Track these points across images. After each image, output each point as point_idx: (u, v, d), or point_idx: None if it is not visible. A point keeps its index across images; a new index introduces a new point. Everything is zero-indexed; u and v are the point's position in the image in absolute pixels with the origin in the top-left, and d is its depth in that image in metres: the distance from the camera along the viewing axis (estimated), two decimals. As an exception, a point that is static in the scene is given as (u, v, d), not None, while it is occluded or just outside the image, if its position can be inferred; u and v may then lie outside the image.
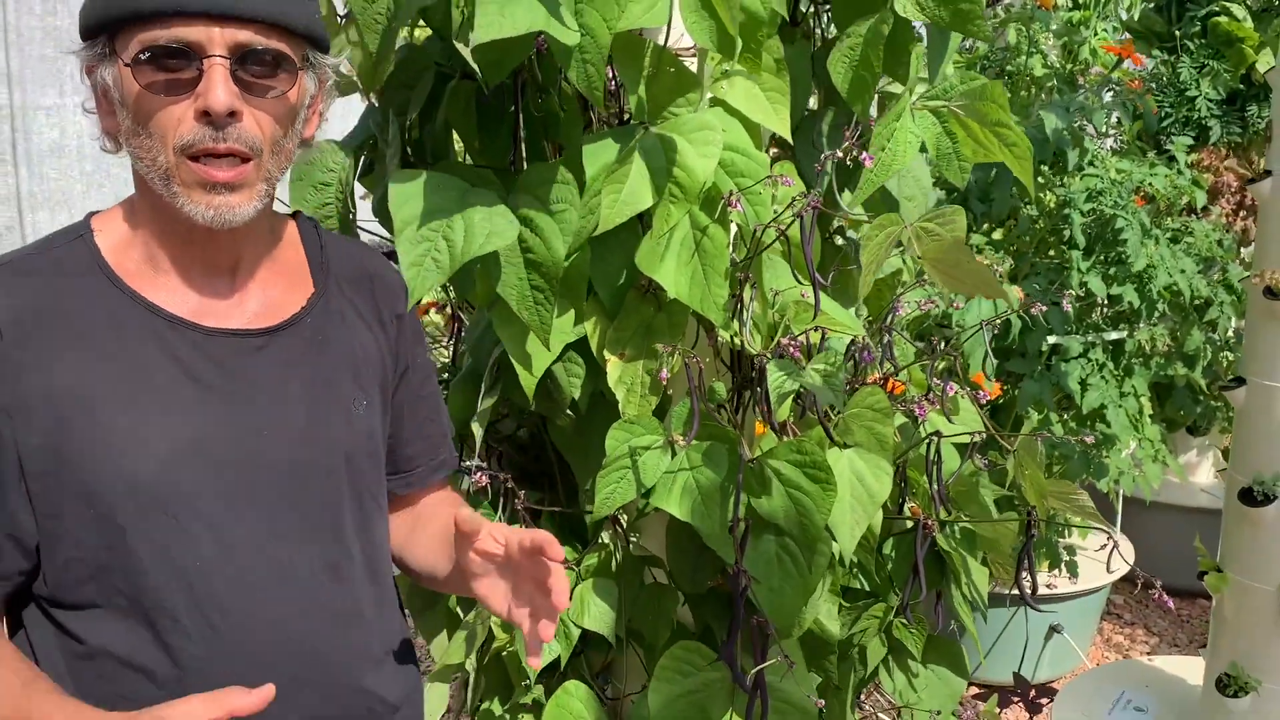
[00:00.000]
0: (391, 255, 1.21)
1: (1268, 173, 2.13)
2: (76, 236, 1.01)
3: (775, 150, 1.56)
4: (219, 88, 0.92)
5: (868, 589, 1.61)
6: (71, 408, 0.94)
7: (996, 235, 2.99)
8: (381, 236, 1.65)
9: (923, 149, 1.46)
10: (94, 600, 0.97)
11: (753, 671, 1.20)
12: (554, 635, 1.00)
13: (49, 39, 3.66)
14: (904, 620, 1.52)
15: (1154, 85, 3.61)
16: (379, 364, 1.12)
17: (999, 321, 2.50)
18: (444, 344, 1.92)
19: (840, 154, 1.14)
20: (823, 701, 1.45)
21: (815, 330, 1.30)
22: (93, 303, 0.98)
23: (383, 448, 1.14)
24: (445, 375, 1.78)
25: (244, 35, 0.93)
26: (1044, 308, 1.38)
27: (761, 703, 1.22)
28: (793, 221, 1.19)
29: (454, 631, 1.74)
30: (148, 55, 0.92)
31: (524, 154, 1.36)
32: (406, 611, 1.77)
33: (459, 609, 1.66)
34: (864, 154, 1.12)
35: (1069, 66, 3.02)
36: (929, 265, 1.21)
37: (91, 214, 1.04)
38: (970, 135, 1.41)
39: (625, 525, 1.52)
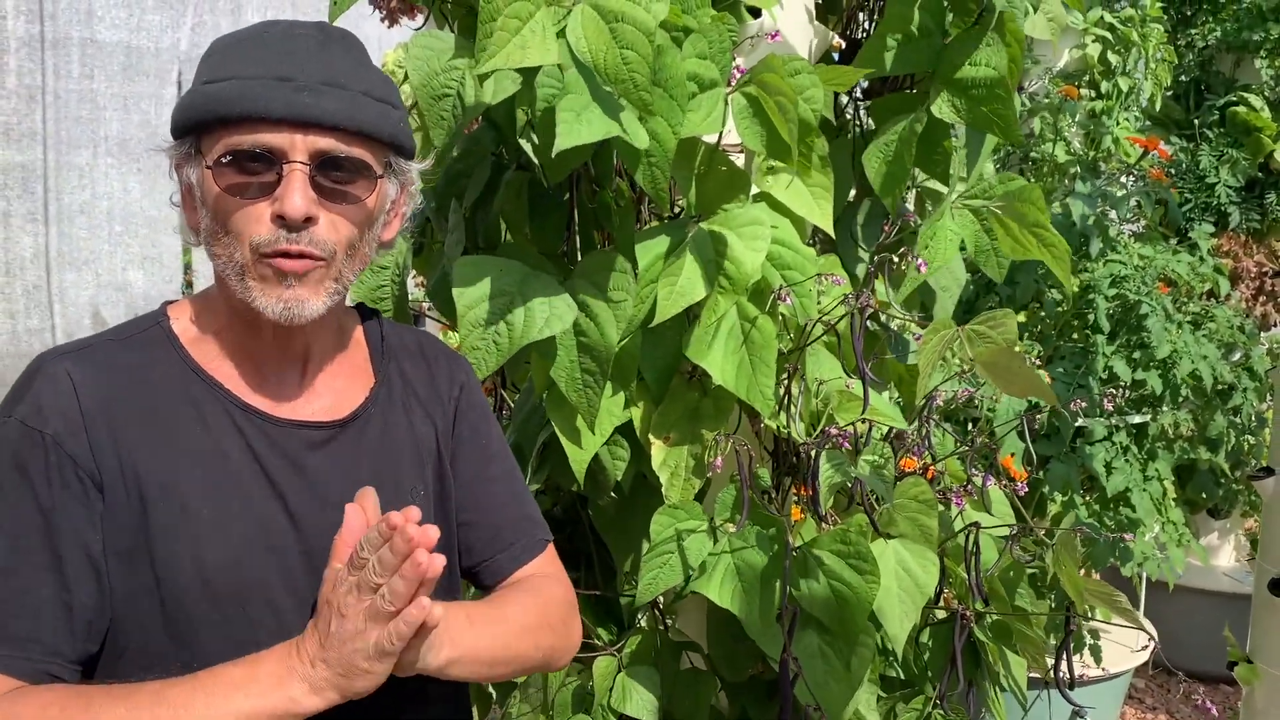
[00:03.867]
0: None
1: (1294, 266, 2.16)
2: (154, 324, 1.04)
3: (815, 242, 1.60)
4: (296, 194, 0.95)
5: (903, 678, 1.61)
6: (156, 491, 0.96)
7: (1020, 318, 3.02)
8: (431, 317, 1.68)
9: (961, 245, 1.50)
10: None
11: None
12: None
13: (85, 101, 3.74)
14: (942, 711, 1.51)
15: (1173, 172, 3.67)
16: (435, 447, 1.12)
17: (1043, 413, 2.51)
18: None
19: (895, 259, 1.17)
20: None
21: (862, 421, 1.32)
22: (173, 388, 1.00)
23: (452, 535, 1.12)
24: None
25: (325, 142, 0.95)
26: (1083, 403, 1.39)
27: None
28: (844, 316, 1.22)
29: (484, 709, 1.74)
30: (229, 158, 0.95)
31: (578, 242, 1.40)
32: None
33: (492, 689, 1.66)
34: (918, 260, 1.15)
35: (1091, 153, 3.08)
36: (981, 367, 1.24)
37: (167, 303, 1.07)
38: (1009, 234, 1.45)
39: (663, 609, 1.53)
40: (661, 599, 1.52)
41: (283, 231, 0.96)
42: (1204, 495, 3.47)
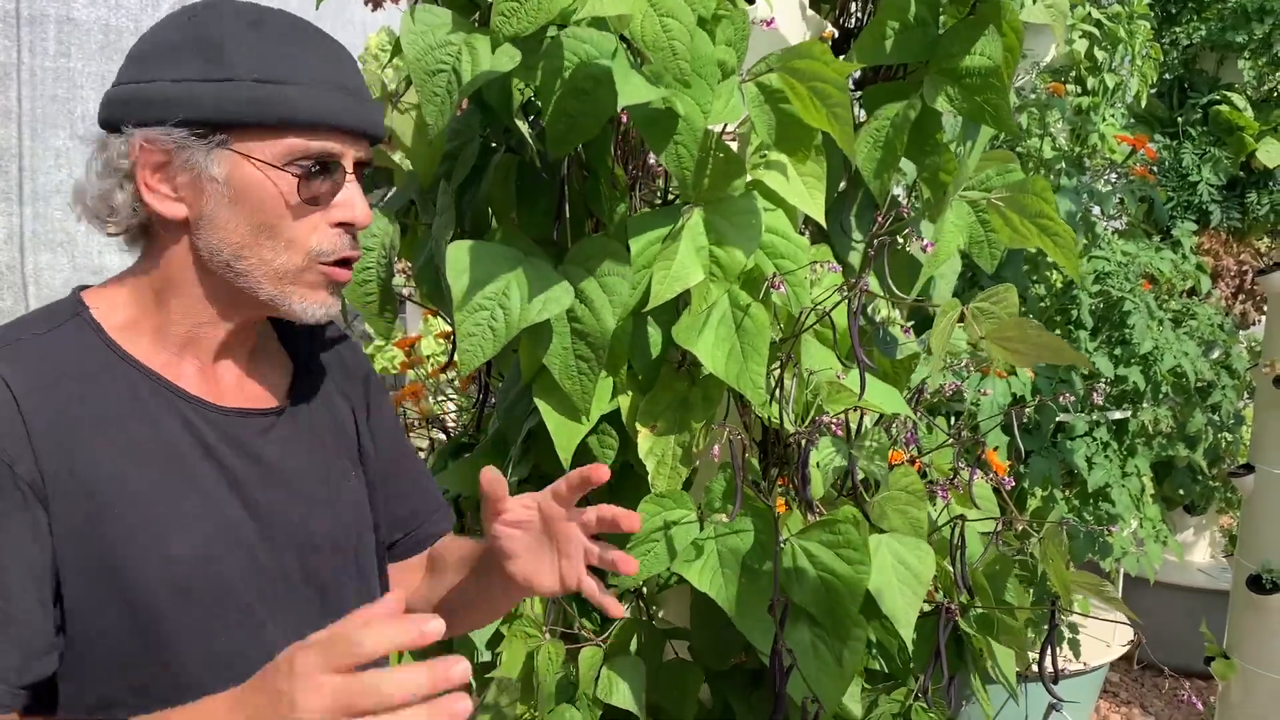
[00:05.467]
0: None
1: (1277, 265, 2.17)
2: (73, 314, 0.97)
3: (806, 230, 1.59)
4: (362, 202, 0.97)
5: (886, 671, 1.60)
6: (109, 494, 0.90)
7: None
8: (414, 301, 1.66)
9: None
10: (110, 701, 0.93)
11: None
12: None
13: (61, 80, 3.68)
14: (924, 704, 1.51)
15: (1155, 170, 3.68)
16: (354, 431, 1.12)
17: (1028, 406, 2.52)
18: (469, 407, 1.93)
19: (900, 240, 1.16)
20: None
21: (854, 411, 1.31)
22: (113, 383, 0.94)
23: (377, 515, 1.12)
24: (466, 440, 1.78)
25: (363, 153, 0.98)
26: (1072, 398, 1.39)
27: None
28: (838, 304, 1.20)
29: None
30: (295, 163, 0.93)
31: (568, 228, 1.38)
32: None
33: (473, 681, 1.65)
34: (926, 243, 1.14)
35: (1077, 150, 3.08)
36: (990, 343, 1.23)
37: (80, 288, 1.00)
38: (1009, 224, 1.45)
39: (647, 598, 1.52)
40: (645, 589, 1.51)
41: (347, 239, 0.97)
42: (1181, 492, 3.50)
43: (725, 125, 1.28)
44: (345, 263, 0.98)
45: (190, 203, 0.94)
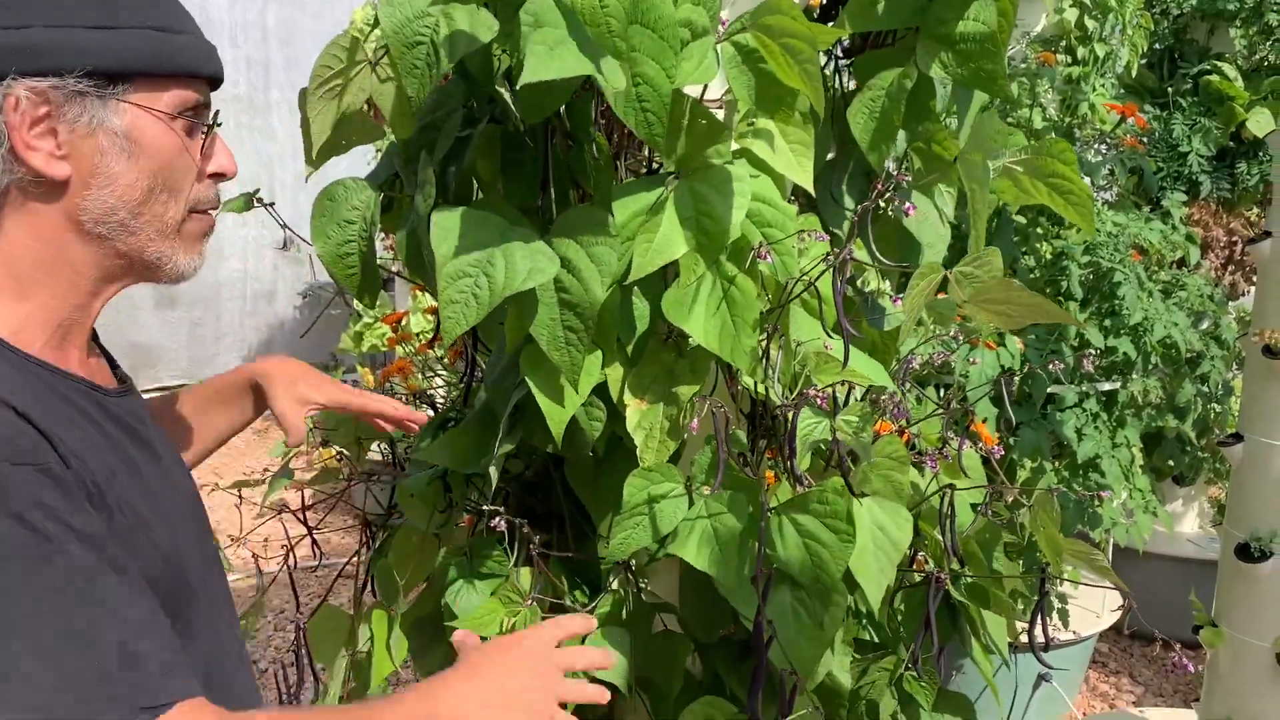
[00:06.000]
0: (384, 284, 1.23)
1: (1267, 234, 2.16)
2: None
3: (794, 199, 1.58)
4: (228, 152, 0.98)
5: (877, 641, 1.60)
6: (105, 492, 0.87)
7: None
8: (403, 277, 1.65)
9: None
10: None
11: (777, 724, 1.19)
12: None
13: None
14: (914, 673, 1.51)
15: (1145, 140, 3.67)
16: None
17: (1016, 377, 2.52)
18: (456, 382, 1.92)
19: (882, 204, 1.14)
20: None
21: (841, 383, 1.30)
22: (43, 391, 0.88)
23: None
24: (454, 414, 1.77)
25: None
26: (1061, 365, 1.38)
27: (786, 758, 1.21)
28: (824, 273, 1.19)
29: (455, 672, 1.72)
30: (187, 112, 0.93)
31: (553, 198, 1.37)
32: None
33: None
34: (907, 205, 1.13)
35: (1067, 120, 3.07)
36: (974, 306, 1.22)
37: None
38: (1016, 184, 1.43)
39: (635, 571, 1.51)
40: (634, 561, 1.50)
41: (216, 189, 0.98)
42: (1170, 463, 3.52)
43: (705, 90, 1.27)
44: (208, 213, 0.99)
45: (76, 160, 0.88)
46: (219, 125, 0.98)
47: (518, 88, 1.03)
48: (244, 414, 1.31)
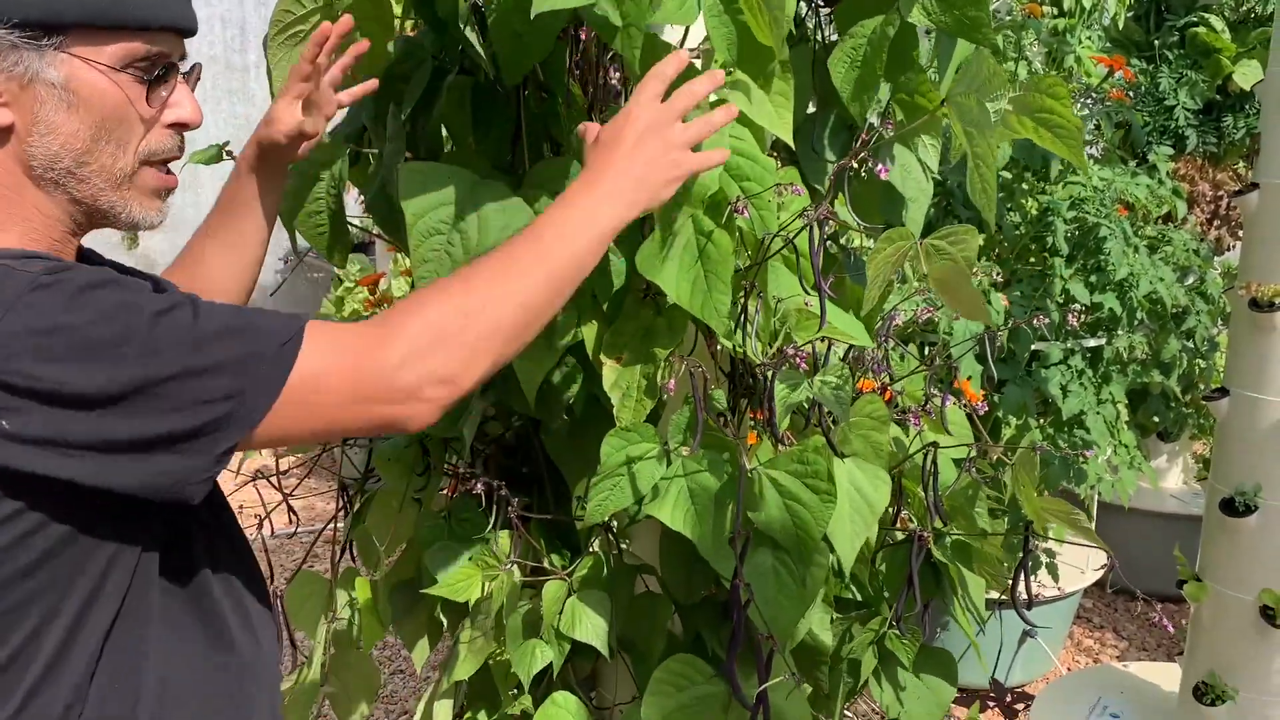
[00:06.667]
0: (364, 247, 1.19)
1: (1254, 185, 2.14)
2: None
3: (775, 154, 1.54)
4: (193, 101, 0.96)
5: (859, 600, 1.59)
6: None
7: (979, 240, 3.00)
8: (382, 238, 1.61)
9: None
10: None
11: (757, 690, 1.18)
12: None
13: None
14: (897, 631, 1.50)
15: (1132, 94, 3.63)
16: None
17: (1002, 334, 2.50)
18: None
19: (855, 164, 1.11)
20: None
21: (821, 340, 1.27)
22: None
23: None
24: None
25: (183, 49, 0.96)
26: (1046, 319, 1.36)
27: (765, 717, 1.20)
28: (802, 229, 1.16)
29: (435, 637, 1.71)
30: (134, 64, 0.91)
31: (525, 152, 1.33)
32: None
33: (442, 615, 1.63)
34: (880, 166, 1.10)
35: (1053, 73, 3.03)
36: (935, 283, 1.19)
37: None
38: (1004, 122, 1.39)
39: (616, 532, 1.50)
40: (615, 523, 1.48)
41: (176, 140, 0.96)
42: (1155, 419, 3.52)
43: (686, 35, 1.23)
44: (168, 167, 0.97)
45: (18, 108, 0.88)
46: (184, 74, 0.96)
47: (532, 16, 0.99)
48: (266, 200, 1.27)
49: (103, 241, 1.04)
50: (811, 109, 1.58)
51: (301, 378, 0.87)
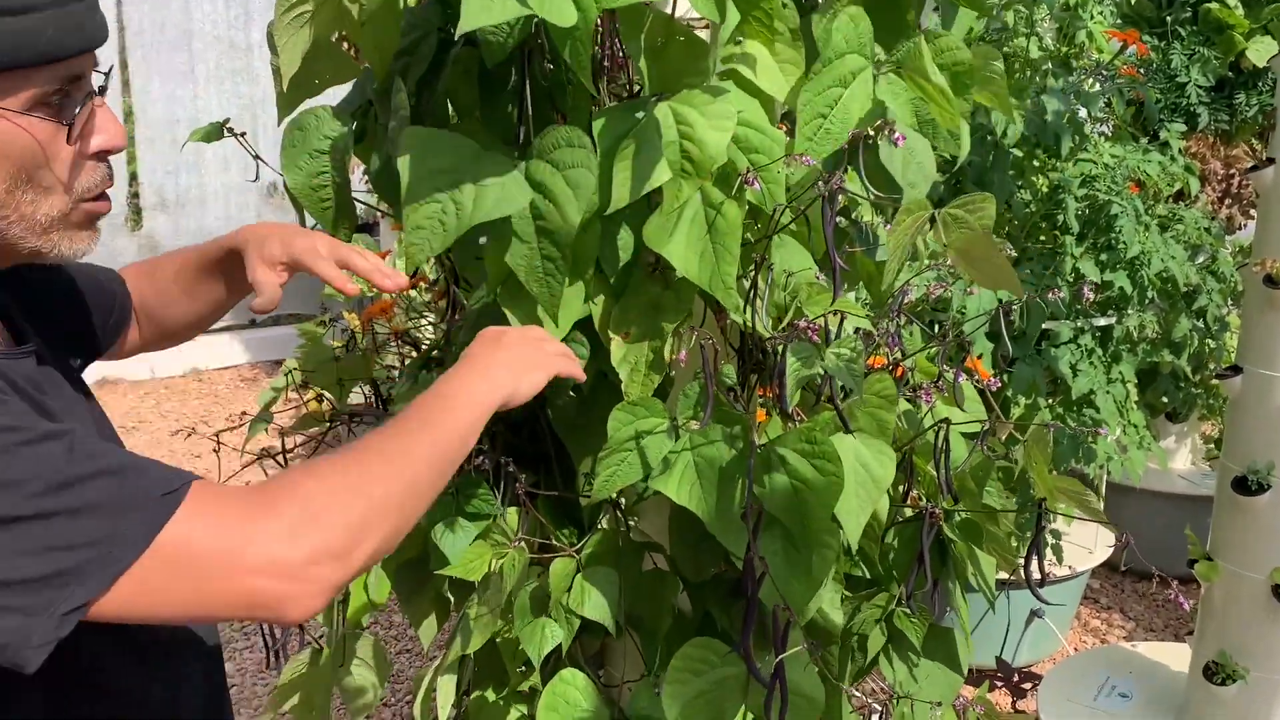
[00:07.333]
0: (369, 227, 1.18)
1: (1270, 160, 2.11)
2: None
3: (785, 126, 1.52)
4: (115, 123, 0.88)
5: (869, 578, 1.58)
6: None
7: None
8: (369, 205, 1.60)
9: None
10: None
11: (774, 662, 1.17)
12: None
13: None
14: (906, 610, 1.49)
15: (1143, 71, 3.59)
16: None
17: (1015, 309, 2.48)
18: (439, 323, 1.88)
19: (871, 131, 1.09)
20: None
21: (834, 314, 1.26)
22: None
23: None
24: (437, 353, 1.73)
25: (96, 60, 0.89)
26: (1061, 293, 1.34)
27: (781, 694, 1.18)
28: (814, 201, 1.15)
29: (443, 615, 1.70)
30: (43, 103, 0.83)
31: (530, 125, 1.31)
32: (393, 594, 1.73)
33: (449, 593, 1.62)
34: (896, 134, 1.08)
35: (1064, 49, 2.99)
36: (955, 253, 1.17)
37: None
38: (930, 99, 1.36)
39: (624, 510, 1.48)
40: (623, 500, 1.47)
41: (104, 169, 0.90)
42: (1164, 399, 3.49)
43: (674, 6, 1.20)
44: (103, 195, 0.91)
45: None
46: (95, 94, 0.88)
47: (456, 36, 0.96)
48: (231, 288, 1.25)
49: (106, 223, 1.01)
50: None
51: (175, 536, 0.77)
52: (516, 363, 1.10)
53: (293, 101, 1.40)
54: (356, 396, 1.81)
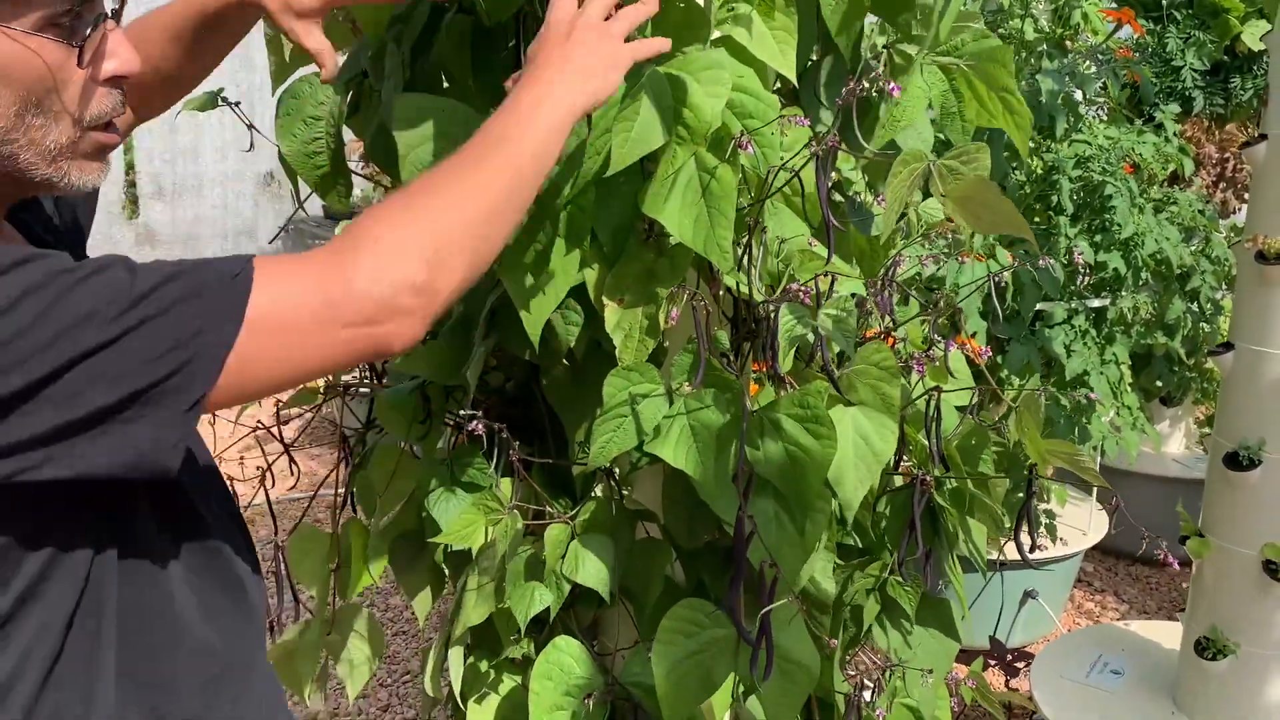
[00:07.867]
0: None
1: (1262, 136, 2.11)
2: None
3: (781, 100, 1.53)
4: (128, 49, 0.86)
5: (861, 546, 1.59)
6: None
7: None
8: (364, 175, 1.60)
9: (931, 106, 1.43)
10: None
11: (759, 615, 1.17)
12: None
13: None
14: (899, 578, 1.50)
15: (1138, 54, 3.60)
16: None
17: (1003, 280, 2.48)
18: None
19: (866, 85, 1.09)
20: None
21: (825, 278, 1.26)
22: None
23: None
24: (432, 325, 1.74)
25: None
26: (1052, 262, 1.35)
27: (767, 650, 1.19)
28: (807, 162, 1.15)
29: (438, 588, 1.71)
30: (54, 24, 0.81)
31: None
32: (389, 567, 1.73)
33: (445, 565, 1.63)
34: (891, 84, 1.08)
35: (1059, 31, 3.00)
36: (954, 204, 1.18)
37: None
38: (975, 96, 1.40)
39: (618, 478, 1.49)
40: (617, 469, 1.48)
41: (117, 95, 0.88)
42: (1158, 383, 3.50)
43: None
44: (111, 125, 0.89)
45: None
46: (107, 17, 0.86)
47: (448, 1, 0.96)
48: (237, 36, 1.18)
49: (103, 211, 0.99)
50: (814, 58, 1.56)
51: (262, 308, 0.79)
52: (590, 62, 1.02)
53: (288, 71, 1.41)
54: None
